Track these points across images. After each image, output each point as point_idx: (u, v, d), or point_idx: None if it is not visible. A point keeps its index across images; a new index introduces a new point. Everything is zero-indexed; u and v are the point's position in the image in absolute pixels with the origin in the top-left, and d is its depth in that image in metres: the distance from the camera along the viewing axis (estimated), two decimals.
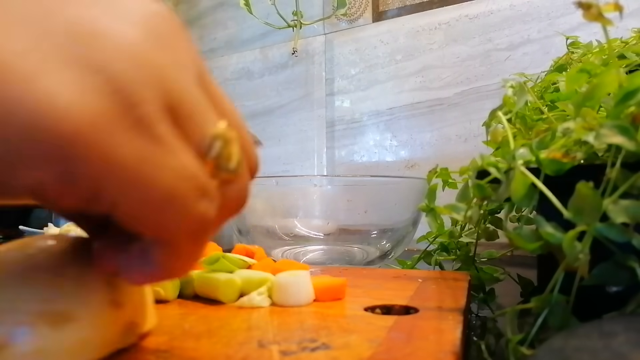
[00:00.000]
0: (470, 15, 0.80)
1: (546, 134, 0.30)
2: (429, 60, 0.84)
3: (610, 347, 0.19)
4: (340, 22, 0.94)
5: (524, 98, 0.35)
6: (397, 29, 0.87)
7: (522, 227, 0.29)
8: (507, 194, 0.29)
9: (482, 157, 0.33)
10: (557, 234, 0.27)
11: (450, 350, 0.22)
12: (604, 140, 0.25)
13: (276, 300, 0.31)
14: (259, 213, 0.57)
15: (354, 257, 0.56)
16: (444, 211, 0.37)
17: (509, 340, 0.27)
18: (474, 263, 0.43)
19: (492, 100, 0.73)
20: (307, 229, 0.56)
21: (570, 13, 0.72)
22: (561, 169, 0.28)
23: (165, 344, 0.23)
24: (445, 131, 0.82)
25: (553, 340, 0.21)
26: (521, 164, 0.28)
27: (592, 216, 0.25)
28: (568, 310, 0.26)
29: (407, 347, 0.23)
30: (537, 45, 0.74)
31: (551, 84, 0.41)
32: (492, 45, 0.78)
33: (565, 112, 0.33)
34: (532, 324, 0.27)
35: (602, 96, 0.28)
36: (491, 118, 0.47)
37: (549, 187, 0.27)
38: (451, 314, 0.28)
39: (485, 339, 0.32)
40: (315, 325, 0.26)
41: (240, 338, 0.24)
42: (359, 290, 0.35)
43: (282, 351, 0.22)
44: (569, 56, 0.49)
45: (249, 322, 0.27)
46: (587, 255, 0.25)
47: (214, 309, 0.30)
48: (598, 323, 0.21)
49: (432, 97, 0.83)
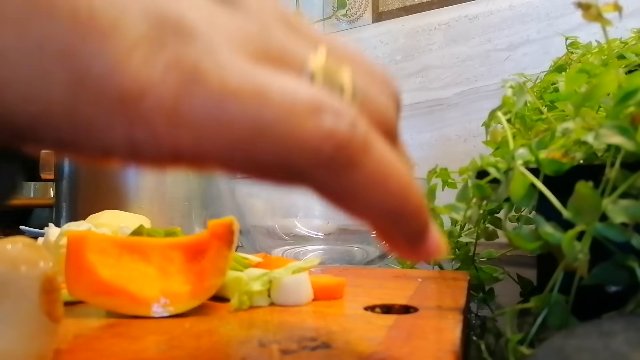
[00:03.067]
0: (469, 16, 0.80)
1: (545, 134, 0.30)
2: (428, 61, 0.84)
3: (609, 347, 0.19)
4: (340, 22, 0.94)
5: (524, 98, 0.35)
6: (397, 29, 0.87)
7: (521, 227, 0.29)
8: (506, 194, 0.29)
9: (481, 157, 0.33)
10: (556, 233, 0.27)
11: (450, 350, 0.22)
12: (603, 141, 0.25)
13: (275, 299, 0.31)
14: (259, 213, 0.57)
15: (354, 257, 0.56)
16: (444, 211, 0.37)
17: (508, 339, 0.27)
18: (473, 263, 0.43)
19: (492, 101, 0.73)
20: (307, 229, 0.56)
21: (569, 13, 0.72)
22: (560, 169, 0.28)
23: (165, 343, 0.23)
24: (444, 131, 0.82)
25: (552, 340, 0.21)
26: (521, 164, 0.28)
27: (591, 216, 0.25)
28: (567, 309, 0.26)
29: (406, 346, 0.23)
30: (537, 45, 0.74)
31: (551, 84, 0.41)
32: (491, 45, 0.78)
33: (564, 113, 0.33)
34: (531, 323, 0.27)
35: (602, 96, 0.28)
36: (491, 118, 0.47)
37: (548, 187, 0.27)
38: (451, 313, 0.28)
39: (484, 339, 0.32)
40: (315, 325, 0.27)
41: (240, 337, 0.24)
42: (359, 290, 0.35)
43: (282, 350, 0.22)
44: (568, 56, 0.49)
45: (249, 321, 0.27)
46: (587, 255, 0.25)
47: (214, 308, 0.30)
48: (597, 323, 0.21)
49: (431, 98, 0.83)
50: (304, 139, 0.13)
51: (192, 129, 0.13)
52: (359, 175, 0.15)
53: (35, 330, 0.19)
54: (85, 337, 0.25)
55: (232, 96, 0.13)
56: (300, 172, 0.14)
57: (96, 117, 0.12)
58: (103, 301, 0.28)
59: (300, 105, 0.14)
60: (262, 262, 0.37)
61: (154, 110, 0.12)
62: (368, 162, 0.15)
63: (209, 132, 0.13)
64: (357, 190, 0.15)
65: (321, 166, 0.14)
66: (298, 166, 0.14)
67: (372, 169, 0.15)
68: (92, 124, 0.12)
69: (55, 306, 0.20)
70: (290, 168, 0.14)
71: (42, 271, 0.20)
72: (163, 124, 0.12)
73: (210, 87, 0.13)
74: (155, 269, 0.30)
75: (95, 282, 0.28)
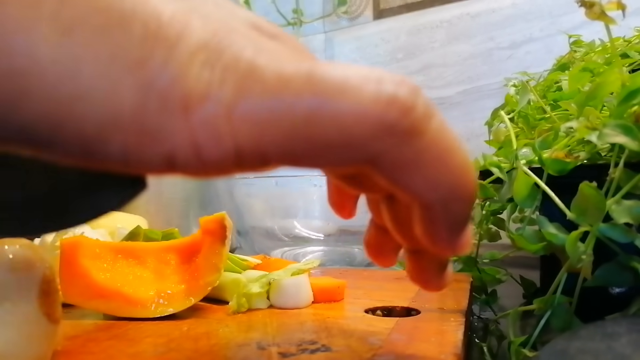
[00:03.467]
0: (472, 14, 0.80)
1: (549, 134, 0.30)
2: (430, 59, 0.84)
3: (613, 349, 0.19)
4: (341, 20, 0.94)
5: (527, 97, 0.35)
6: (399, 27, 0.87)
7: (524, 227, 0.29)
8: (509, 194, 0.29)
9: (484, 156, 0.33)
10: (560, 234, 0.26)
11: (452, 352, 0.22)
12: (607, 140, 0.24)
13: (275, 301, 0.31)
14: (258, 214, 0.56)
15: (355, 258, 0.56)
16: None
17: (511, 342, 0.26)
18: (476, 264, 0.43)
19: (495, 99, 0.73)
20: (307, 230, 0.55)
21: (572, 11, 0.71)
22: (564, 169, 0.27)
23: (163, 346, 0.23)
24: None
25: (556, 342, 0.21)
26: (524, 164, 0.28)
27: (595, 217, 0.24)
28: (571, 311, 0.26)
29: (408, 349, 0.22)
30: (540, 43, 0.74)
31: (554, 82, 0.41)
32: (494, 43, 0.78)
33: (568, 112, 0.33)
34: (534, 325, 0.27)
35: (605, 95, 0.28)
36: (493, 117, 0.47)
37: (551, 187, 0.27)
38: (453, 315, 0.28)
39: (487, 341, 0.32)
40: (315, 327, 0.26)
41: (239, 340, 0.24)
42: (360, 292, 0.35)
43: (281, 353, 0.22)
44: (571, 55, 0.48)
45: (248, 324, 0.27)
46: (590, 256, 0.24)
47: (212, 310, 0.30)
48: (601, 324, 0.21)
49: (433, 96, 0.83)
50: (366, 108, 0.14)
51: (253, 124, 0.13)
52: (424, 143, 0.15)
53: (34, 332, 0.19)
54: (81, 339, 0.25)
55: (288, 84, 0.13)
56: (363, 146, 0.14)
57: (162, 123, 0.12)
58: (98, 305, 0.28)
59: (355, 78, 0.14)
60: (261, 264, 0.36)
61: (215, 112, 0.13)
62: (432, 130, 0.15)
63: (269, 123, 0.13)
64: (421, 160, 0.15)
65: (386, 134, 0.14)
66: (362, 138, 0.14)
67: (436, 137, 0.15)
68: (158, 131, 0.13)
69: (54, 308, 0.20)
70: (353, 143, 0.14)
71: (40, 273, 0.20)
72: (224, 124, 0.13)
73: (267, 79, 0.13)
74: (150, 272, 0.30)
75: (89, 286, 0.28)
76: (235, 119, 0.13)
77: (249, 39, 0.14)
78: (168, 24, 0.13)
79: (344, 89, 0.14)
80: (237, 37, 0.14)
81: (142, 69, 0.12)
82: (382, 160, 0.14)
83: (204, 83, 0.13)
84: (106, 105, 0.12)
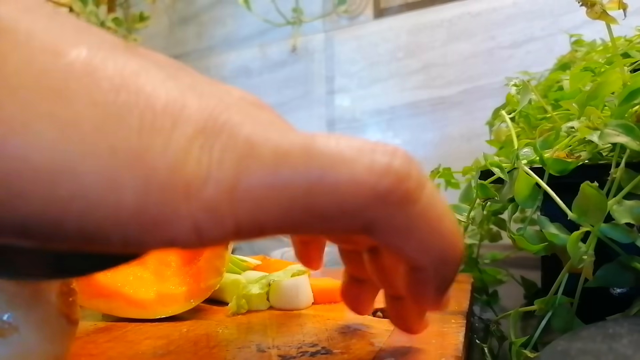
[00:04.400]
0: (472, 13, 0.80)
1: (550, 133, 0.30)
2: (431, 58, 0.83)
3: (614, 350, 0.19)
4: (341, 19, 0.93)
5: (528, 97, 0.35)
6: (399, 26, 0.87)
7: (525, 228, 0.28)
8: (510, 194, 0.29)
9: (485, 156, 0.33)
10: (561, 235, 0.26)
11: (453, 354, 0.22)
12: (608, 140, 0.24)
13: (274, 303, 0.31)
14: None
15: None
16: None
17: (512, 342, 0.26)
18: (477, 265, 0.43)
19: (496, 99, 0.72)
20: None
21: (574, 11, 0.71)
22: (565, 169, 0.27)
23: (162, 348, 0.23)
24: (447, 130, 0.82)
25: (557, 343, 0.20)
26: (525, 164, 0.28)
27: (596, 217, 0.24)
28: (572, 312, 0.26)
29: (409, 351, 0.22)
30: (541, 43, 0.74)
31: (555, 82, 0.41)
32: (495, 43, 0.78)
33: (569, 111, 0.32)
34: (535, 326, 0.26)
35: (606, 95, 0.28)
36: (494, 117, 0.46)
37: (552, 188, 0.27)
38: (454, 317, 0.28)
39: (488, 342, 0.32)
40: (315, 329, 0.26)
41: (238, 342, 0.24)
42: None
43: (281, 355, 0.22)
44: (572, 54, 0.48)
45: (248, 326, 0.27)
46: (592, 257, 0.24)
47: (212, 312, 0.30)
48: (602, 325, 0.21)
49: (434, 96, 0.83)
50: (362, 179, 0.14)
51: (253, 201, 0.13)
52: (417, 210, 0.15)
53: (54, 332, 0.19)
54: (81, 340, 0.25)
55: (285, 158, 0.13)
56: (359, 215, 0.14)
57: (163, 213, 0.12)
58: (99, 304, 0.28)
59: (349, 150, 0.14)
60: (261, 265, 0.36)
61: (216, 195, 0.13)
62: (424, 197, 0.15)
63: (268, 199, 0.13)
64: (415, 226, 0.15)
65: (380, 202, 0.14)
66: (358, 208, 0.14)
67: (429, 204, 0.15)
68: (159, 220, 0.13)
69: (72, 308, 0.20)
70: (350, 212, 0.14)
71: None
72: (225, 205, 0.13)
73: (265, 155, 0.13)
74: (151, 273, 0.30)
75: (91, 286, 0.28)
76: (235, 198, 0.13)
77: (245, 113, 0.14)
78: (163, 112, 0.13)
79: (340, 162, 0.14)
80: (234, 113, 0.14)
81: (142, 160, 0.12)
82: (377, 227, 0.15)
83: (204, 166, 0.13)
84: (107, 203, 0.12)
